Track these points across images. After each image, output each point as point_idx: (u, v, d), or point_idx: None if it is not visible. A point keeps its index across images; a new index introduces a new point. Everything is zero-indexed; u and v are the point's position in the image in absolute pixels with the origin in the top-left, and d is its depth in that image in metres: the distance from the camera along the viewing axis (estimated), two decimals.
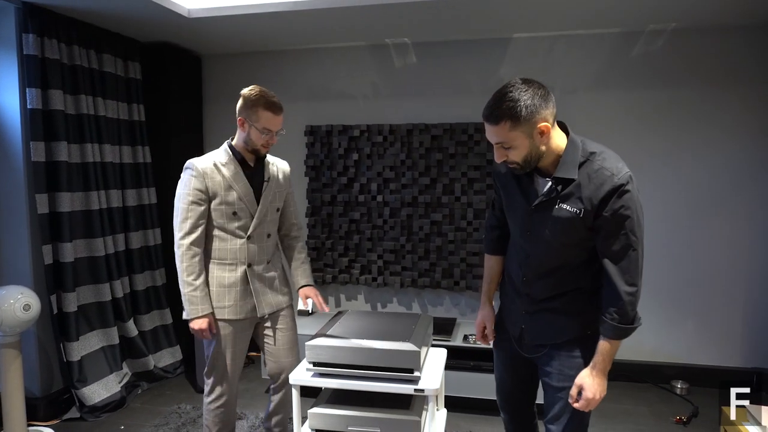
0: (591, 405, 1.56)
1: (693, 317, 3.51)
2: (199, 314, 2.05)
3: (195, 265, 2.07)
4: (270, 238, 2.24)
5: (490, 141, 1.51)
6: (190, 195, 2.07)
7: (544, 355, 1.67)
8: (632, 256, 1.48)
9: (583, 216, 1.48)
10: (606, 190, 1.44)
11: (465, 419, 3.05)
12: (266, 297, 2.21)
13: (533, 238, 1.59)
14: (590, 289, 1.60)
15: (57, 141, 2.99)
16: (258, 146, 2.10)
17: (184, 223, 2.08)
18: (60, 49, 3.01)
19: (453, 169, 3.65)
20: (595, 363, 1.55)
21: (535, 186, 1.56)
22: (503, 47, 3.59)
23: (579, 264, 1.59)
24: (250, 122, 2.05)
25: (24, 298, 2.65)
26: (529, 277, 1.66)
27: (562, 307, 1.62)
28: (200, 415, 3.11)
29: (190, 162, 2.11)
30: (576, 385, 1.57)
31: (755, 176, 3.37)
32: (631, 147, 3.44)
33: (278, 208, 2.26)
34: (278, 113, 2.08)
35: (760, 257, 3.40)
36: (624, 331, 1.53)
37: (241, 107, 2.07)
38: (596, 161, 1.48)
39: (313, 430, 2.01)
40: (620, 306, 1.50)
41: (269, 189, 2.20)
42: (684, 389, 3.40)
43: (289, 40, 3.72)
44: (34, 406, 3.00)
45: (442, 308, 3.82)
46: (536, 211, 1.56)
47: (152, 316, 3.71)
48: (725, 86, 3.36)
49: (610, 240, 1.48)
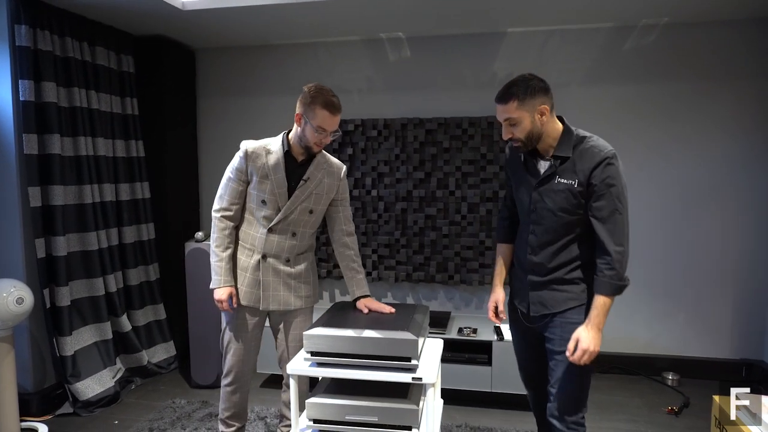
0: (586, 356, 1.74)
1: (684, 310, 3.56)
2: (221, 285, 2.13)
3: (224, 237, 2.15)
4: (296, 237, 2.18)
5: (500, 120, 1.81)
6: (232, 173, 2.15)
7: (548, 324, 1.90)
8: (619, 220, 1.73)
9: (577, 186, 1.76)
10: (595, 162, 1.73)
11: (460, 411, 3.07)
12: (276, 293, 2.19)
13: (538, 210, 1.85)
14: (587, 262, 1.83)
15: (50, 134, 2.96)
16: (311, 144, 2.06)
17: (221, 198, 2.18)
18: (53, 41, 2.99)
19: (447, 163, 3.67)
20: (590, 318, 1.76)
21: (538, 168, 1.88)
22: (498, 42, 3.61)
23: (577, 235, 1.83)
24: (307, 119, 2.03)
25: (17, 291, 2.63)
26: (534, 248, 1.89)
27: (564, 278, 1.85)
28: (195, 409, 3.10)
29: (243, 142, 2.15)
30: (573, 338, 1.76)
31: (746, 170, 3.42)
32: (624, 140, 3.47)
33: (311, 210, 2.17)
34: (335, 113, 2.04)
35: (750, 251, 3.45)
36: (616, 287, 1.74)
37: (300, 102, 2.04)
38: (587, 143, 1.79)
39: (311, 420, 2.01)
40: (611, 263, 1.73)
41: (304, 189, 2.13)
42: (675, 381, 3.44)
43: (284, 34, 3.72)
44: (26, 401, 2.97)
45: (437, 302, 3.83)
46: (540, 185, 1.84)
47: (146, 311, 3.69)
48: (717, 80, 3.40)
49: (599, 204, 1.74)
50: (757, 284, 3.44)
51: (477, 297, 3.77)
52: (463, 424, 2.90)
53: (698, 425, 2.90)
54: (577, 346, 1.74)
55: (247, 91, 4.03)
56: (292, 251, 2.19)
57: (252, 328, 2.24)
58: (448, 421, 2.92)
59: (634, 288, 3.55)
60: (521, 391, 3.00)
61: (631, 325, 3.60)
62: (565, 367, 1.83)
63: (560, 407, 1.86)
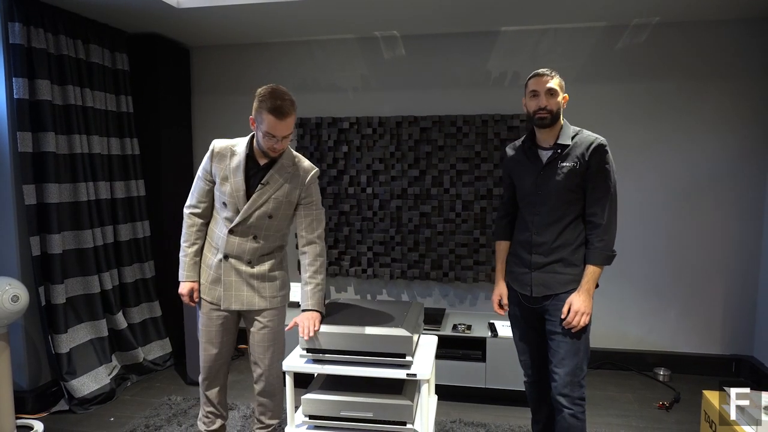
0: (578, 317, 1.95)
1: (675, 307, 3.60)
2: (183, 279, 2.17)
3: (191, 234, 2.18)
4: (257, 240, 2.11)
5: (540, 89, 1.99)
6: (200, 172, 2.17)
7: (549, 305, 2.05)
8: (609, 197, 1.99)
9: (579, 167, 1.99)
10: (593, 147, 1.99)
11: (454, 407, 3.10)
12: (238, 293, 2.14)
13: (543, 190, 2.04)
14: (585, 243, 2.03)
15: (44, 132, 2.96)
16: (266, 149, 2.02)
17: (192, 195, 2.21)
18: (47, 38, 2.98)
19: (442, 161, 3.69)
20: (581, 285, 1.98)
21: (539, 156, 2.09)
22: (491, 40, 3.63)
23: (577, 216, 2.03)
24: (258, 123, 1.99)
25: (12, 289, 2.63)
26: (539, 227, 2.06)
27: (567, 260, 2.02)
28: (191, 406, 3.11)
29: (214, 141, 2.16)
30: (566, 304, 1.97)
31: (735, 168, 3.46)
32: (615, 138, 3.48)
33: (270, 216, 2.09)
34: (282, 118, 1.94)
35: (739, 248, 3.49)
36: (606, 257, 1.98)
37: (253, 106, 1.99)
38: (583, 133, 2.07)
39: (306, 416, 2.03)
40: (601, 235, 1.97)
41: (262, 193, 2.07)
42: (666, 376, 3.49)
43: (279, 32, 3.72)
44: (22, 399, 2.98)
45: (431, 299, 3.86)
46: (545, 170, 2.05)
47: (141, 308, 3.69)
48: (706, 79, 3.44)
49: (593, 184, 1.99)
50: (747, 281, 3.49)
51: (471, 294, 3.80)
52: (457, 419, 2.93)
53: (688, 420, 2.94)
54: (570, 309, 1.95)
55: (242, 88, 4.03)
56: (254, 254, 2.13)
57: (219, 324, 2.19)
58: (442, 417, 2.95)
59: (626, 285, 3.62)
60: (515, 387, 3.05)
61: (624, 321, 3.64)
62: (566, 345, 1.99)
63: (564, 384, 1.99)
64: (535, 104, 2.01)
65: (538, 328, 2.16)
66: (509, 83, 3.65)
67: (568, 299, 1.98)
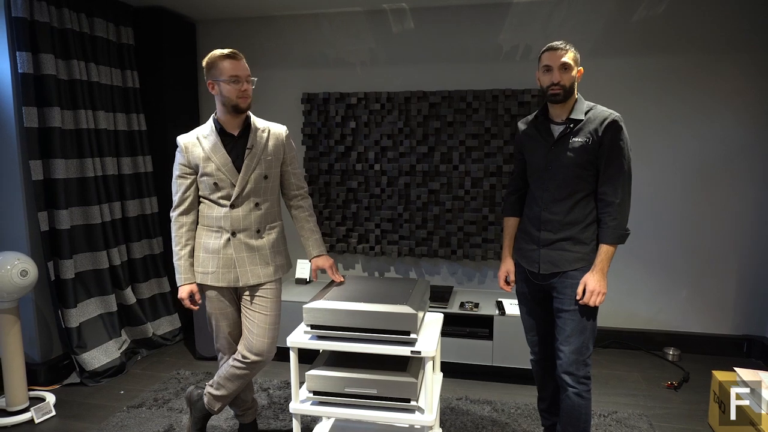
0: (594, 296, 1.91)
1: (686, 286, 3.55)
2: (182, 282, 2.19)
3: (181, 235, 2.19)
4: (259, 207, 2.17)
5: (554, 64, 1.93)
6: (177, 169, 2.20)
7: (557, 283, 2.02)
8: (623, 176, 1.92)
9: (591, 143, 1.94)
10: (606, 123, 1.93)
11: (461, 384, 3.10)
12: (252, 267, 2.17)
13: (554, 166, 2.00)
14: (595, 221, 1.99)
15: (50, 107, 2.95)
16: (235, 100, 2.06)
17: (174, 197, 2.21)
18: (50, 11, 2.94)
19: (451, 137, 3.62)
20: (596, 264, 1.94)
21: (551, 131, 2.05)
22: (503, 12, 3.53)
23: (588, 194, 1.99)
24: (217, 80, 2.06)
25: (21, 264, 2.65)
26: (548, 203, 2.03)
27: (576, 238, 1.99)
28: (199, 380, 3.15)
29: (178, 137, 2.20)
30: (581, 283, 1.94)
31: (749, 146, 3.36)
32: (629, 113, 3.40)
33: (266, 176, 2.17)
34: (238, 58, 2.07)
35: (751, 227, 3.41)
36: (619, 236, 1.93)
37: (205, 72, 2.09)
38: (597, 108, 2.01)
39: (310, 392, 2.04)
40: (614, 214, 1.92)
41: (252, 157, 2.13)
42: (676, 356, 3.45)
43: (285, 5, 3.64)
44: (34, 371, 3.03)
45: (439, 277, 3.84)
46: (556, 145, 2.01)
47: (150, 284, 3.72)
48: (723, 54, 3.31)
49: (607, 161, 1.93)
50: (760, 261, 3.42)
51: (480, 272, 3.78)
52: (463, 396, 2.94)
53: (697, 400, 2.92)
54: (585, 289, 1.92)
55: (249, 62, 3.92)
56: (261, 222, 2.18)
57: (231, 307, 2.24)
58: (448, 394, 2.96)
59: (636, 263, 3.57)
60: (521, 365, 3.04)
61: (633, 300, 3.60)
62: (573, 324, 1.97)
63: (570, 363, 1.98)
64: (548, 79, 1.96)
65: (545, 306, 2.14)
66: (521, 57, 3.56)
67: (582, 279, 1.94)
